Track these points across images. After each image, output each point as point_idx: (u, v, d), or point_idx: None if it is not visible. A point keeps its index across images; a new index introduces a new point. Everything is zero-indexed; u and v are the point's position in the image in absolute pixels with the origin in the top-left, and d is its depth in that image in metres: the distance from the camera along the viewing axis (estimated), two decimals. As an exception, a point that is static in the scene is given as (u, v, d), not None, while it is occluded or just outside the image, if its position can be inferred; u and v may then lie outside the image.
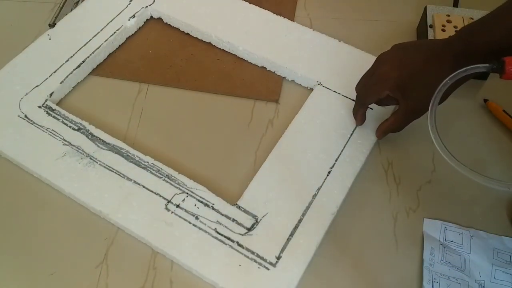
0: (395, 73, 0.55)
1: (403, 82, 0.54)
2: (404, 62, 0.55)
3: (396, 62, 0.55)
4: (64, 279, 0.52)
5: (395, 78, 0.54)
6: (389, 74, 0.55)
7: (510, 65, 0.45)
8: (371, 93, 0.57)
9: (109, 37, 0.69)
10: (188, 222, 0.54)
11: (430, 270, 0.52)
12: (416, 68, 0.54)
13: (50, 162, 0.58)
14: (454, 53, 0.52)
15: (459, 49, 0.52)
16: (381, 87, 0.56)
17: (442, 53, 0.53)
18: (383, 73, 0.56)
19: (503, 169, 0.60)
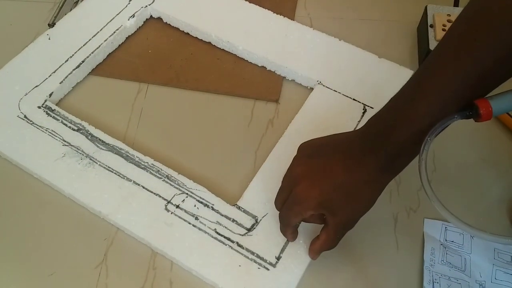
0: (315, 190, 0.47)
1: (326, 199, 0.47)
2: (322, 174, 0.47)
3: (313, 175, 0.48)
4: (63, 280, 0.52)
5: (316, 196, 0.47)
6: (309, 193, 0.47)
7: (483, 107, 0.43)
8: (294, 214, 0.49)
9: (108, 37, 0.69)
10: (188, 222, 0.54)
11: (430, 270, 0.52)
12: (338, 179, 0.47)
13: (49, 163, 0.58)
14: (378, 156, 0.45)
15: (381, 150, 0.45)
16: (303, 208, 0.48)
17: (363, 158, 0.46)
18: (302, 192, 0.48)
19: (503, 170, 0.60)
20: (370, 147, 0.46)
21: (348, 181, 0.46)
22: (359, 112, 0.63)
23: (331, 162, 0.47)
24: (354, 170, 0.46)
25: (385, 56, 0.68)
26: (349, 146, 0.48)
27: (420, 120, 0.44)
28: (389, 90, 0.65)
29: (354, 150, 0.47)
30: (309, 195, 0.47)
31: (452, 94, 0.44)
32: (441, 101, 0.44)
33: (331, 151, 0.48)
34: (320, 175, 0.47)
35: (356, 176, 0.46)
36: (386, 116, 0.47)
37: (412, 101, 0.45)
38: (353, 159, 0.47)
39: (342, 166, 0.47)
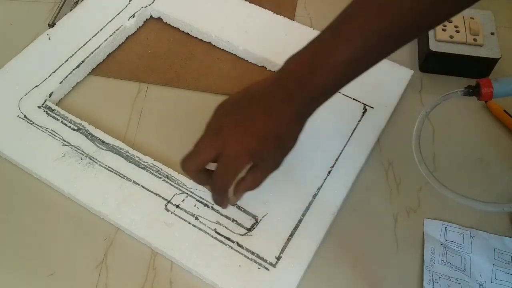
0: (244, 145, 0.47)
1: (255, 150, 0.48)
2: (246, 127, 0.48)
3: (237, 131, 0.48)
4: (63, 280, 0.52)
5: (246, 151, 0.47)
6: (239, 150, 0.47)
7: (485, 87, 0.46)
8: (230, 175, 0.49)
9: (108, 37, 0.69)
10: (187, 222, 0.54)
11: (430, 270, 0.52)
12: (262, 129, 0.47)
13: (49, 163, 0.58)
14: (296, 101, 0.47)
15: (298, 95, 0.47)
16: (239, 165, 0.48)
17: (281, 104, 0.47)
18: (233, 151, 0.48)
19: (504, 169, 0.60)
20: (288, 94, 0.47)
21: (272, 128, 0.48)
22: (359, 112, 0.63)
23: (252, 114, 0.48)
24: (275, 116, 0.48)
25: (385, 56, 0.68)
26: (266, 95, 0.49)
27: (337, 66, 0.46)
28: (389, 90, 0.66)
29: (271, 98, 0.48)
30: (240, 152, 0.48)
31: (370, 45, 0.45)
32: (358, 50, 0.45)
33: (249, 104, 0.49)
34: (243, 129, 0.48)
35: (278, 122, 0.48)
36: (303, 61, 0.48)
37: (330, 47, 0.46)
38: (272, 106, 0.48)
39: (263, 116, 0.48)
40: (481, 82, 0.47)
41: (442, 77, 0.68)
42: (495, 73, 0.67)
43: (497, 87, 0.47)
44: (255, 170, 0.50)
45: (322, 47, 0.47)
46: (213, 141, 0.49)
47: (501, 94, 0.47)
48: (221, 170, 0.49)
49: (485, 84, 0.47)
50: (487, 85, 0.47)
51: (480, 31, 0.66)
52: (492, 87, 0.47)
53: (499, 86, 0.47)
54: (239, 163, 0.48)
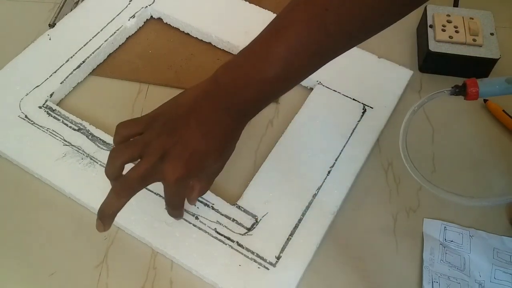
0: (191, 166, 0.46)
1: (197, 168, 0.47)
2: (185, 148, 0.46)
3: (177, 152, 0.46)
4: (64, 279, 0.52)
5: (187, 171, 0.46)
6: (187, 172, 0.46)
7: (471, 86, 0.48)
8: (180, 198, 0.50)
9: (109, 37, 0.69)
10: (188, 222, 0.54)
11: (430, 270, 0.52)
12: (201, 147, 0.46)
13: (50, 163, 0.58)
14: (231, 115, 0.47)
15: (233, 108, 0.47)
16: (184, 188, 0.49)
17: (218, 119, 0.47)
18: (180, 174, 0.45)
19: (503, 169, 0.60)
20: (223, 106, 0.47)
21: (210, 145, 0.47)
22: (359, 112, 0.63)
23: (189, 132, 0.46)
24: (213, 131, 0.47)
25: (384, 56, 0.68)
26: (201, 109, 0.47)
27: (269, 83, 0.46)
28: (388, 90, 0.66)
29: (207, 112, 0.47)
30: (182, 175, 0.45)
31: (302, 63, 0.46)
32: (290, 67, 0.45)
33: (185, 120, 0.47)
34: (181, 149, 0.46)
35: (215, 136, 0.47)
36: (236, 73, 0.47)
37: (262, 63, 0.46)
38: (208, 120, 0.47)
39: (199, 132, 0.46)
40: (468, 82, 0.49)
41: (442, 78, 0.68)
42: (495, 73, 0.67)
43: (482, 87, 0.49)
44: (200, 180, 0.53)
45: (254, 61, 0.46)
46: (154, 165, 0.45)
47: (487, 94, 0.49)
48: (170, 195, 0.48)
49: (471, 84, 0.48)
50: (472, 85, 0.48)
51: (479, 32, 0.66)
52: (478, 87, 0.48)
53: (484, 86, 0.49)
54: (185, 186, 0.48)
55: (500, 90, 0.49)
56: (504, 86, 0.49)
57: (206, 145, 0.47)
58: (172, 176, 0.45)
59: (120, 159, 0.46)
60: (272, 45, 0.46)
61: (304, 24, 0.44)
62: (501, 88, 0.49)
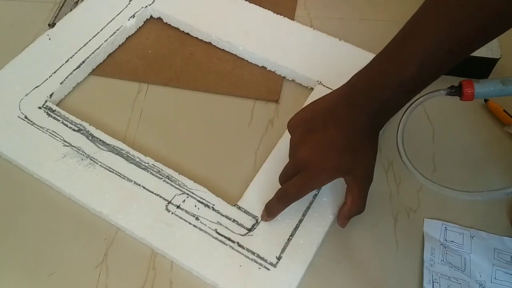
0: (325, 163, 0.50)
1: (336, 166, 0.50)
2: (324, 146, 0.50)
3: (316, 151, 0.50)
4: (63, 280, 0.52)
5: (327, 168, 0.50)
6: (320, 168, 0.50)
7: (467, 87, 0.49)
8: (306, 190, 0.51)
9: (109, 37, 0.69)
10: (188, 223, 0.54)
11: (430, 270, 0.52)
12: (340, 144, 0.49)
13: (50, 163, 0.58)
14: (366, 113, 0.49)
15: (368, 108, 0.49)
16: (321, 181, 0.51)
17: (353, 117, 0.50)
18: (314, 169, 0.50)
19: (503, 169, 0.60)
20: (360, 109, 0.49)
21: (349, 142, 0.50)
22: (359, 112, 0.63)
23: (328, 132, 0.50)
24: (350, 130, 0.50)
25: (385, 56, 0.68)
26: (337, 112, 0.51)
27: (403, 84, 0.48)
28: (389, 90, 0.66)
29: (343, 114, 0.50)
30: (321, 170, 0.50)
31: (435, 60, 0.47)
32: (423, 66, 0.47)
33: (322, 121, 0.51)
34: (323, 148, 0.50)
35: (354, 135, 0.50)
36: (371, 77, 0.50)
37: (396, 65, 0.48)
38: (345, 123, 0.50)
39: (339, 131, 0.50)
40: (463, 83, 0.49)
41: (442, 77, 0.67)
42: (495, 73, 0.67)
43: (478, 88, 0.49)
44: (350, 188, 0.52)
45: (388, 65, 0.48)
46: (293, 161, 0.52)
47: (482, 95, 0.50)
48: (297, 181, 0.51)
49: (466, 84, 0.49)
50: (468, 86, 0.49)
51: (480, 31, 0.66)
52: (474, 88, 0.49)
53: (479, 87, 0.49)
54: (322, 179, 0.50)
55: (495, 91, 0.49)
56: (499, 87, 0.49)
57: (345, 144, 0.49)
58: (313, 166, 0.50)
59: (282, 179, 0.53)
60: (406, 46, 0.47)
61: (436, 23, 0.46)
62: (496, 90, 0.49)
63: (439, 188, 0.49)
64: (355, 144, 0.50)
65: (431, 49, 0.46)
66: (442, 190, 0.49)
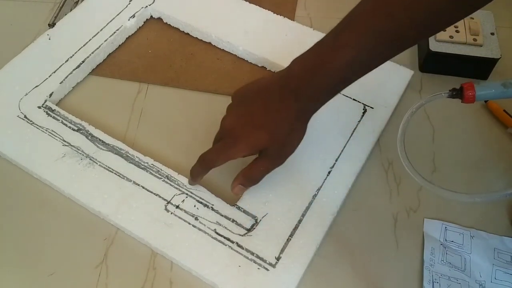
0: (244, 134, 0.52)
1: (252, 143, 0.52)
2: (249, 118, 0.52)
3: (239, 123, 0.52)
4: (63, 280, 0.52)
5: (246, 140, 0.52)
6: (236, 140, 0.52)
7: (468, 90, 0.49)
8: (222, 157, 0.53)
9: (108, 37, 0.69)
10: (187, 223, 0.54)
11: (430, 270, 0.52)
12: (259, 122, 0.51)
13: (49, 163, 0.58)
14: (298, 99, 0.50)
15: (302, 94, 0.50)
16: (235, 151, 0.52)
17: (285, 102, 0.51)
18: (231, 140, 0.52)
19: (504, 169, 0.60)
20: (291, 92, 0.50)
21: (269, 122, 0.51)
22: (359, 112, 0.63)
23: (254, 108, 0.52)
24: (278, 113, 0.51)
25: (385, 56, 0.68)
26: (270, 91, 0.52)
27: (337, 70, 0.49)
28: (389, 90, 0.66)
29: (274, 94, 0.52)
30: (237, 141, 0.52)
31: (369, 49, 0.48)
32: (357, 54, 0.48)
33: (253, 97, 0.53)
34: (243, 122, 0.52)
35: (280, 118, 0.51)
36: (306, 63, 0.50)
37: (331, 51, 0.49)
38: (274, 103, 0.51)
39: (262, 109, 0.52)
40: (464, 86, 0.50)
41: (442, 77, 0.68)
42: (495, 73, 0.67)
43: (479, 90, 0.49)
44: (256, 161, 0.54)
45: (324, 51, 0.50)
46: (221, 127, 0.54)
47: (483, 97, 0.50)
48: (216, 148, 0.54)
49: (468, 87, 0.49)
50: (469, 88, 0.49)
51: (480, 31, 0.66)
52: (475, 91, 0.49)
53: (480, 90, 0.49)
54: (237, 149, 0.52)
55: (496, 94, 0.50)
56: (500, 90, 0.49)
57: (269, 125, 0.51)
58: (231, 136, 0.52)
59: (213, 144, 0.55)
60: (342, 34, 0.48)
61: (371, 13, 0.47)
62: (497, 92, 0.50)
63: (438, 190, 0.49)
64: (275, 125, 0.51)
65: (367, 38, 0.47)
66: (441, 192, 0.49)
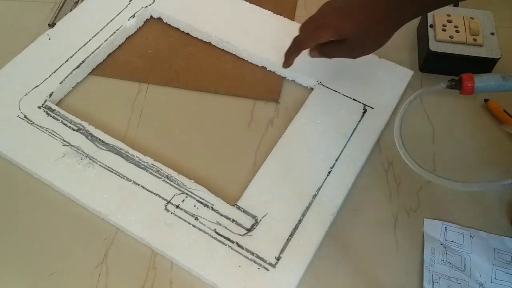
0: (334, 20, 0.56)
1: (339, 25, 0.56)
2: (342, 8, 0.56)
3: (334, 9, 0.57)
4: (63, 280, 0.52)
5: (334, 25, 0.56)
6: (329, 22, 0.56)
7: (467, 81, 0.49)
8: (311, 38, 0.59)
9: (108, 37, 0.69)
10: (187, 222, 0.54)
11: (430, 270, 0.52)
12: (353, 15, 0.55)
13: (49, 163, 0.58)
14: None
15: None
16: (322, 34, 0.57)
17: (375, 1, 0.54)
18: (324, 21, 0.57)
19: (504, 169, 0.60)
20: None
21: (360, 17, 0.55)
22: (359, 112, 0.63)
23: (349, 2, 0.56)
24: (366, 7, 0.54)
25: (385, 56, 0.68)
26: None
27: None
28: (389, 90, 0.66)
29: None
30: (328, 24, 0.56)
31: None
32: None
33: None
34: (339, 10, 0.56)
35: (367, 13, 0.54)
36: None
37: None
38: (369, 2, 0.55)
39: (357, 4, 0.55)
40: (464, 77, 0.49)
41: (442, 77, 0.68)
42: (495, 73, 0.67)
43: (478, 82, 0.49)
44: (337, 42, 0.57)
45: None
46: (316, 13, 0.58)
47: (482, 89, 0.50)
48: (308, 30, 0.58)
49: (466, 78, 0.49)
50: (468, 79, 0.49)
51: (480, 31, 0.66)
52: (474, 82, 0.49)
53: (480, 81, 0.49)
54: (323, 32, 0.56)
55: (496, 86, 0.49)
56: (499, 82, 0.49)
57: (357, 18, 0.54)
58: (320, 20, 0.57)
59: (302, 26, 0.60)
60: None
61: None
62: (497, 84, 0.49)
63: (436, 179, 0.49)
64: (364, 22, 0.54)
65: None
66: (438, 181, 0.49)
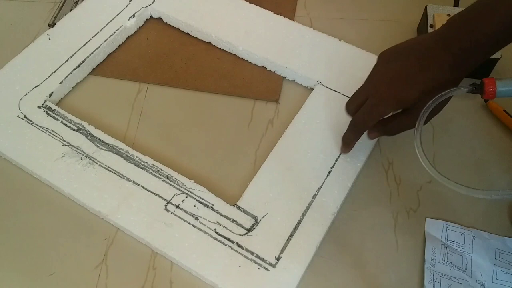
0: (393, 89, 0.51)
1: (403, 97, 0.51)
2: (399, 74, 0.52)
3: (390, 77, 0.52)
4: (63, 280, 0.52)
5: (395, 95, 0.51)
6: (387, 94, 0.52)
7: (489, 85, 0.48)
8: (373, 116, 0.53)
9: (108, 37, 0.69)
10: (187, 222, 0.54)
11: (431, 270, 0.52)
12: (414, 78, 0.51)
13: (49, 163, 0.58)
14: (452, 51, 0.49)
15: (456, 45, 0.49)
16: (383, 108, 0.52)
17: (438, 54, 0.50)
18: (382, 92, 0.52)
19: (504, 169, 0.60)
20: (444, 44, 0.50)
21: (423, 79, 0.50)
22: (359, 112, 0.63)
23: (407, 64, 0.51)
24: (428, 67, 0.50)
25: (385, 56, 0.68)
26: (424, 46, 0.51)
27: (496, 22, 0.48)
28: (389, 90, 0.66)
29: (428, 49, 0.51)
30: (388, 95, 0.51)
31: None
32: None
33: (407, 54, 0.52)
34: (397, 77, 0.51)
35: (431, 74, 0.50)
36: (462, 18, 0.50)
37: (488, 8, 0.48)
38: (427, 58, 0.50)
39: (417, 66, 0.51)
40: (485, 81, 0.48)
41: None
42: (495, 73, 0.67)
43: (500, 86, 0.48)
44: (399, 115, 0.54)
45: (484, 9, 0.49)
46: (366, 86, 0.54)
47: (504, 93, 0.48)
48: (364, 109, 0.53)
49: (488, 83, 0.48)
50: (490, 84, 0.48)
51: (480, 31, 0.66)
52: (495, 86, 0.48)
53: (502, 86, 0.48)
54: (385, 106, 0.52)
55: None
56: None
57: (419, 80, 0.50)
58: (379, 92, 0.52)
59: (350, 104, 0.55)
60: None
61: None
62: None
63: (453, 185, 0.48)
64: (427, 83, 0.50)
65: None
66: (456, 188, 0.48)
